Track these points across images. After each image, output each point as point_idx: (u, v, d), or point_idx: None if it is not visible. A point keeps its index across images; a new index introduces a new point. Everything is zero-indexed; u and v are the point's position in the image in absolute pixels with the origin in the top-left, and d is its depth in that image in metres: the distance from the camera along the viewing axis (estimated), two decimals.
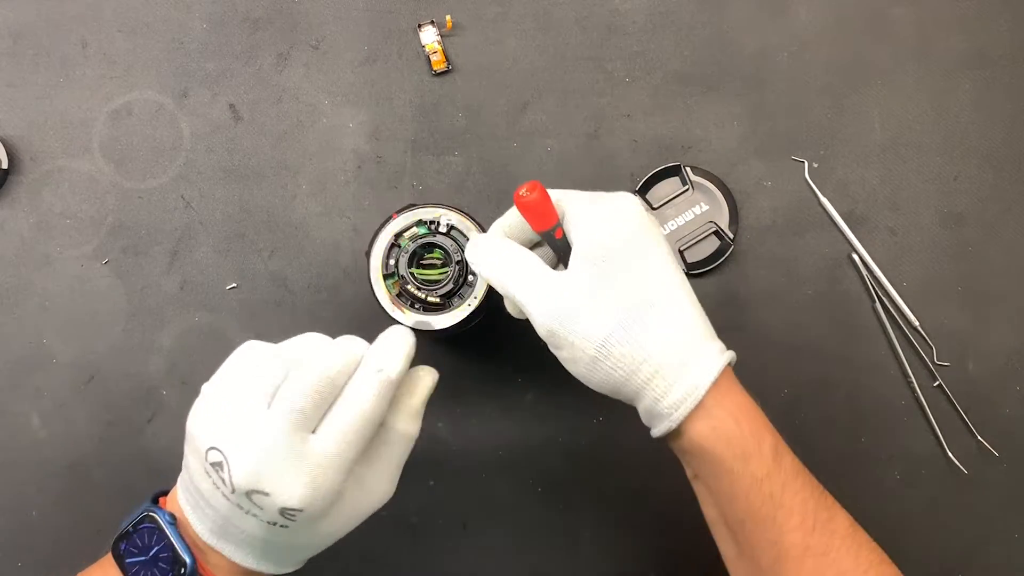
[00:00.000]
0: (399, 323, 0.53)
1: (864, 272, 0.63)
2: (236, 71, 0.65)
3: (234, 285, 0.63)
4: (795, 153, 0.64)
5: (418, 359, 0.62)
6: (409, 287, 0.52)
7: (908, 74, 0.65)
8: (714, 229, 0.63)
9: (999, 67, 0.65)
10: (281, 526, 0.43)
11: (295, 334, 0.63)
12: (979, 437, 0.61)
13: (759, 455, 0.44)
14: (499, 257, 0.48)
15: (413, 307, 0.52)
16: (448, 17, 0.65)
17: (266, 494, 0.41)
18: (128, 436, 0.62)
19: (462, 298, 0.52)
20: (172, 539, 0.45)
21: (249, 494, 0.41)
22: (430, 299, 0.52)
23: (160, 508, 0.46)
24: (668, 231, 0.63)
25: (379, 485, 0.46)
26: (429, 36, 0.64)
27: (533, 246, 0.52)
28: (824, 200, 0.64)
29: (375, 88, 0.65)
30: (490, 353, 0.63)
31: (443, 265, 0.53)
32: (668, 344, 0.44)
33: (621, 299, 0.45)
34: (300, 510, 0.42)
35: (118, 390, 0.62)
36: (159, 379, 0.63)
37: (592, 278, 0.45)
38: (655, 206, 0.63)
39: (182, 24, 0.66)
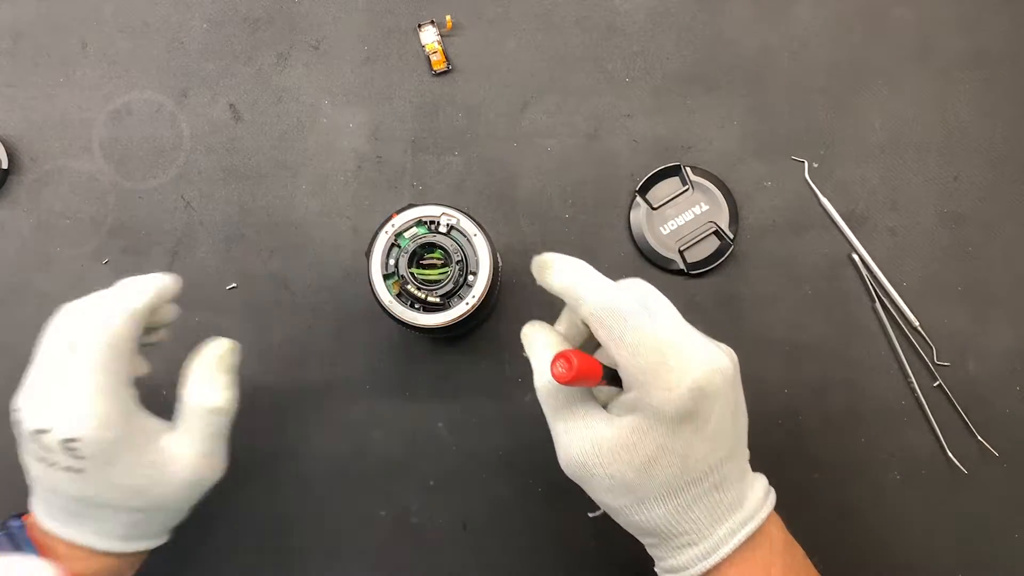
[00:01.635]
0: (402, 322, 0.53)
1: (864, 272, 0.63)
2: (236, 71, 0.65)
3: (234, 285, 0.63)
4: (795, 153, 0.64)
5: (418, 358, 0.63)
6: (409, 287, 0.52)
7: (908, 74, 0.65)
8: (714, 229, 0.63)
9: (999, 67, 0.65)
10: (76, 471, 0.44)
11: (295, 334, 0.63)
12: (979, 437, 0.61)
13: None
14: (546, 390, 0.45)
15: (413, 307, 0.52)
16: (448, 17, 0.65)
17: (46, 430, 0.43)
18: None
19: (462, 298, 0.52)
20: (21, 542, 0.46)
21: (35, 436, 0.44)
22: (430, 299, 0.52)
23: (15, 516, 0.48)
24: (668, 231, 0.63)
25: (185, 452, 0.47)
26: (429, 36, 0.64)
27: None
28: (824, 200, 0.64)
29: (375, 88, 0.65)
30: (490, 353, 0.63)
31: (443, 265, 0.53)
32: (692, 523, 0.43)
33: (665, 485, 0.42)
34: (76, 439, 0.43)
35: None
36: (159, 379, 0.63)
37: (643, 447, 0.42)
38: (655, 206, 0.63)
39: (182, 24, 0.66)
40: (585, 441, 0.43)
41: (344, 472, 0.62)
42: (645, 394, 0.42)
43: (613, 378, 0.43)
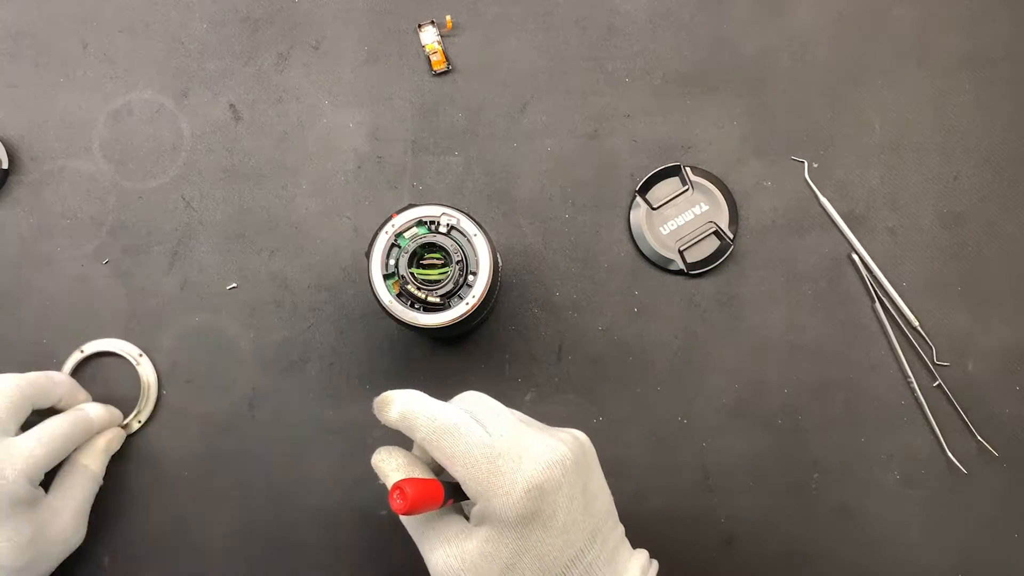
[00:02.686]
0: (402, 322, 0.53)
1: (864, 272, 0.63)
2: (236, 71, 0.65)
3: (234, 285, 0.63)
4: (795, 153, 0.64)
5: (418, 358, 0.63)
6: (409, 287, 0.52)
7: (908, 74, 0.65)
8: (714, 229, 0.63)
9: (999, 67, 0.65)
10: None
11: (295, 334, 0.63)
12: (979, 437, 0.61)
13: None
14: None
15: (413, 307, 0.52)
16: (448, 17, 0.65)
17: None
18: (129, 436, 0.62)
19: (462, 298, 0.52)
20: None
21: None
22: (430, 299, 0.52)
23: None
24: (668, 231, 0.63)
25: (62, 515, 0.55)
26: (429, 36, 0.64)
27: None
28: (824, 200, 0.64)
29: (375, 88, 0.65)
30: (490, 353, 0.63)
31: (443, 265, 0.53)
32: None
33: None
34: None
35: (118, 390, 0.62)
36: (160, 379, 0.63)
37: (500, 555, 0.42)
38: (655, 206, 0.63)
39: (182, 24, 0.66)
40: (450, 556, 0.43)
41: (344, 472, 0.62)
42: (487, 504, 0.42)
43: (461, 491, 0.44)
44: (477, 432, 0.43)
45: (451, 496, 0.43)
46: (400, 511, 0.40)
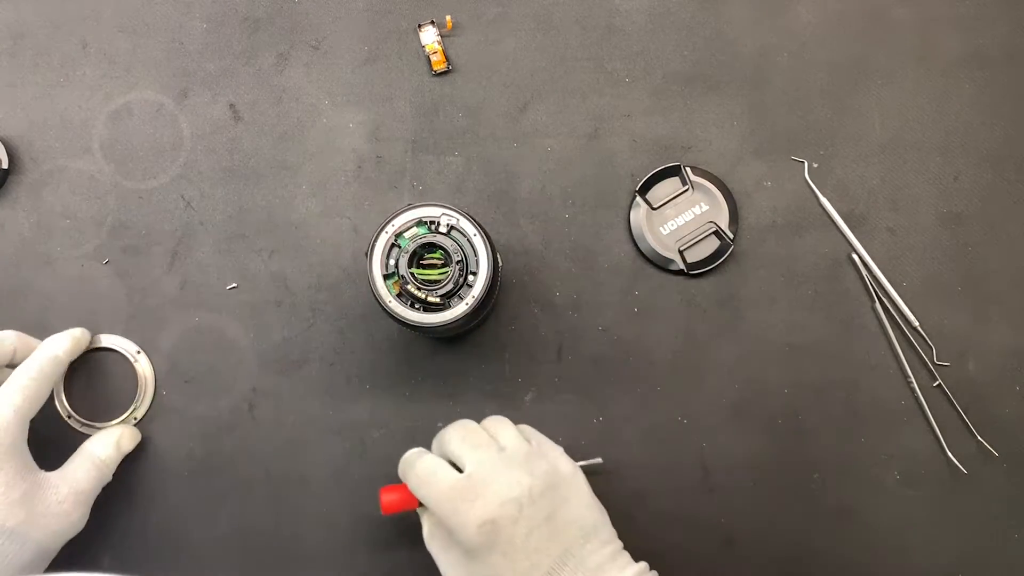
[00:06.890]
0: (402, 322, 0.53)
1: (864, 272, 0.63)
2: (236, 71, 0.65)
3: (234, 285, 0.63)
4: (795, 153, 0.64)
5: (418, 358, 0.63)
6: (409, 287, 0.52)
7: (908, 74, 0.65)
8: (714, 229, 0.63)
9: (999, 67, 0.65)
10: None
11: (295, 334, 0.63)
12: (979, 437, 0.61)
13: None
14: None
15: (413, 307, 0.52)
16: (448, 17, 0.65)
17: None
18: None
19: (461, 298, 0.52)
20: None
21: None
22: (430, 299, 0.52)
23: None
24: (668, 231, 0.63)
25: (61, 489, 0.54)
26: (429, 36, 0.64)
27: None
28: (824, 200, 0.64)
29: (375, 88, 0.65)
30: (490, 353, 0.63)
31: (443, 265, 0.53)
32: None
33: None
34: None
35: (116, 387, 0.62)
36: (159, 379, 0.63)
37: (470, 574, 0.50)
38: (655, 206, 0.63)
39: (182, 24, 0.66)
40: (445, 567, 0.52)
41: (344, 472, 0.62)
42: (455, 535, 0.49)
43: None
44: (445, 478, 0.50)
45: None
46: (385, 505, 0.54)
